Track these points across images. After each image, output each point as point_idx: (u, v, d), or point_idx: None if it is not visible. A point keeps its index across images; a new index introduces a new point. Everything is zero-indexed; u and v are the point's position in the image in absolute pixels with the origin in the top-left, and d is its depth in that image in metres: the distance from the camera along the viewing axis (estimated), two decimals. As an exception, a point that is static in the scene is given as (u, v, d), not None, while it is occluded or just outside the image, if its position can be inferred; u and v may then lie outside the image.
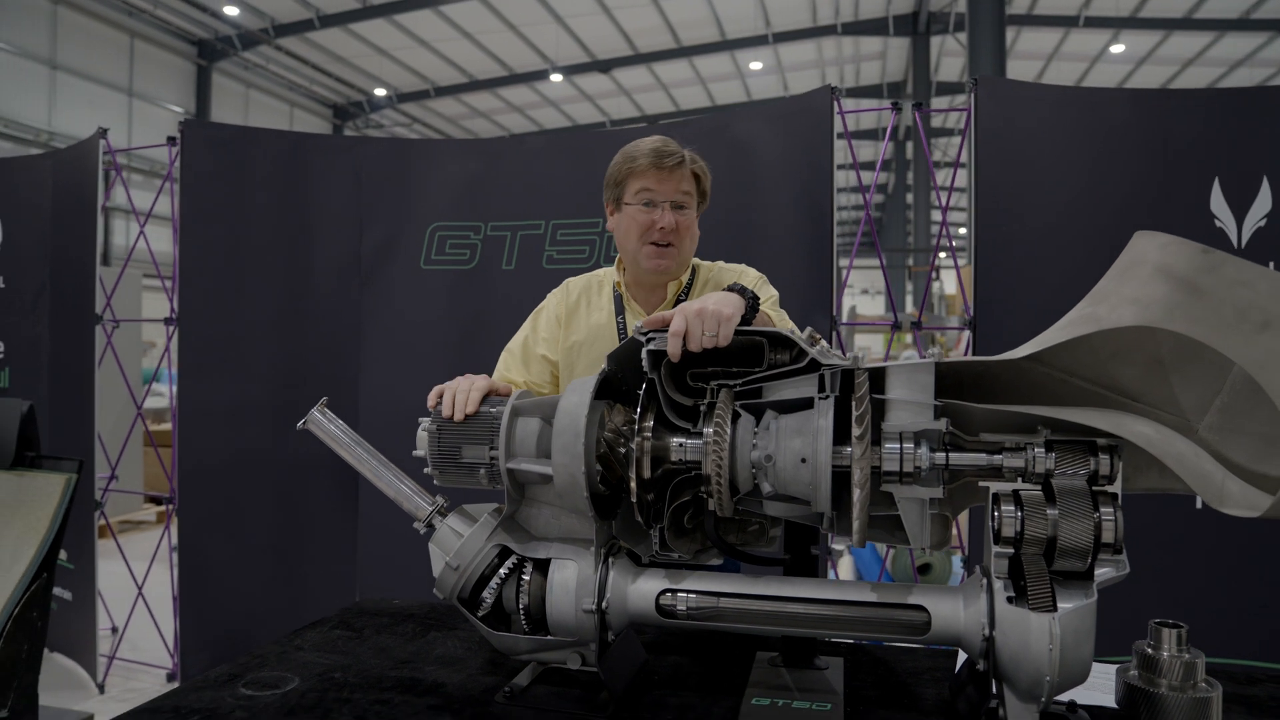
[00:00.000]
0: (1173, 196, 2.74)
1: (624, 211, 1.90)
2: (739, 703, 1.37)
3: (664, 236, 1.84)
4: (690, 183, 1.88)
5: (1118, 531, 1.22)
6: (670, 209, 1.85)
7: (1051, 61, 18.88)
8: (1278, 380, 1.12)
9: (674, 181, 1.85)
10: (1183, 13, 16.04)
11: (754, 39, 18.71)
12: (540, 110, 23.45)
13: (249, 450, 3.43)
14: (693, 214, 1.90)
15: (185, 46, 17.89)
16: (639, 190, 1.86)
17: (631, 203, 1.87)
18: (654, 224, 1.84)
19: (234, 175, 3.46)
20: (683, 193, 1.86)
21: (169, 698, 1.39)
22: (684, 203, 1.87)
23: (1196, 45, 17.49)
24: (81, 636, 3.72)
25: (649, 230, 1.85)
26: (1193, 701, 1.23)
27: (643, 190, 1.86)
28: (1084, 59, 18.66)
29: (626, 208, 1.88)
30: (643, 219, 1.85)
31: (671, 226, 1.84)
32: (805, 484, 1.29)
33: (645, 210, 1.85)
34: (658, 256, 1.86)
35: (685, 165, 1.86)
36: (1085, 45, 17.87)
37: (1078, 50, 18.18)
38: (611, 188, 1.93)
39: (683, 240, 1.87)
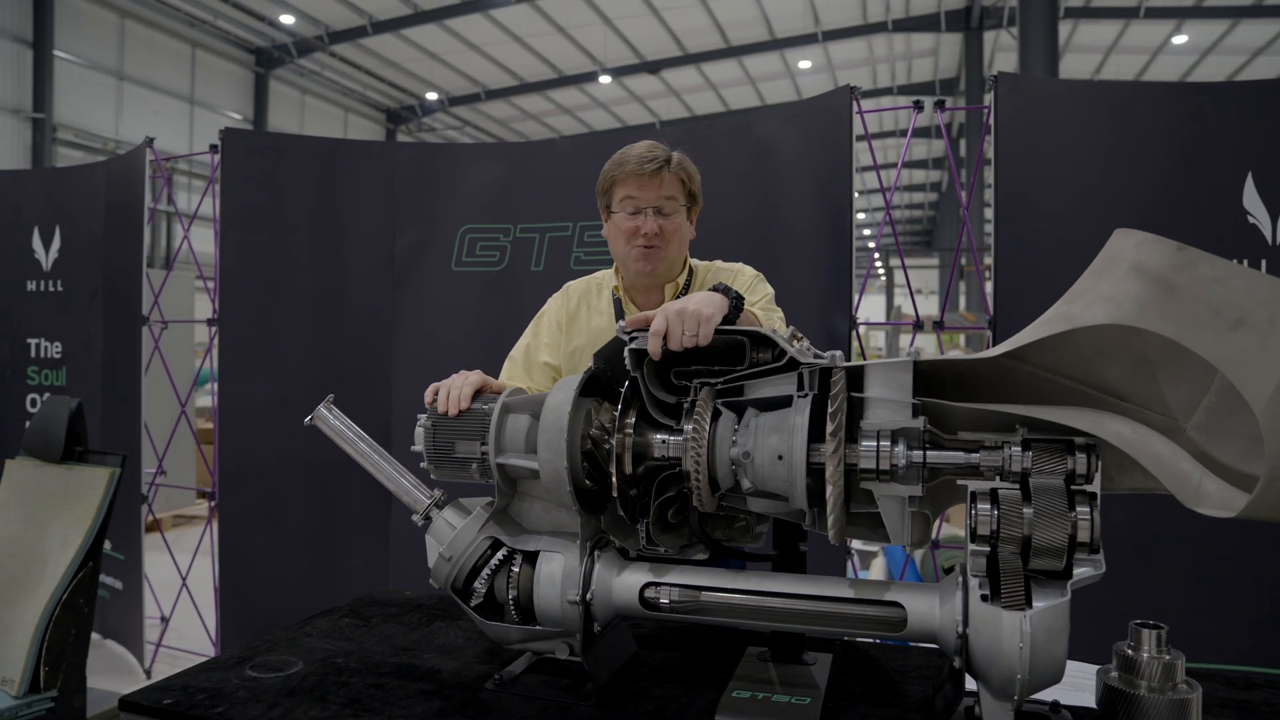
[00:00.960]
0: (1202, 193, 2.67)
1: (612, 219, 1.93)
2: (721, 694, 1.39)
3: (648, 241, 1.87)
4: (674, 187, 1.90)
5: (1094, 531, 1.21)
6: (654, 214, 1.87)
7: (1110, 55, 18.39)
8: (1250, 378, 1.11)
9: (655, 187, 1.87)
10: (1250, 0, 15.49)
11: (803, 37, 18.56)
12: (590, 112, 23.59)
13: (286, 447, 3.55)
14: (679, 218, 1.91)
15: (244, 55, 18.42)
16: (623, 198, 1.90)
17: (618, 210, 1.91)
18: (638, 230, 1.87)
19: (272, 181, 3.58)
20: (665, 198, 1.88)
21: (180, 677, 1.46)
22: (668, 208, 1.89)
23: (1266, 34, 16.85)
24: (131, 624, 3.88)
25: (634, 236, 1.88)
26: (1171, 703, 1.22)
27: (627, 198, 1.89)
28: (1145, 51, 18.13)
29: (614, 215, 1.92)
30: (628, 225, 1.89)
31: (655, 231, 1.86)
32: (782, 480, 1.31)
33: (630, 217, 1.89)
34: (643, 259, 1.89)
35: (667, 170, 1.88)
36: (1146, 37, 17.36)
37: (1138, 43, 17.68)
38: (601, 196, 1.97)
39: (669, 243, 1.89)
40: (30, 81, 14.04)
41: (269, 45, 18.15)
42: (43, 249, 4.16)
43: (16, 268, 4.21)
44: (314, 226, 3.62)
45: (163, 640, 3.97)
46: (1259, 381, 1.10)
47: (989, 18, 16.88)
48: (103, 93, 15.56)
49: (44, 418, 2.84)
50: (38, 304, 4.21)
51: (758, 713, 1.33)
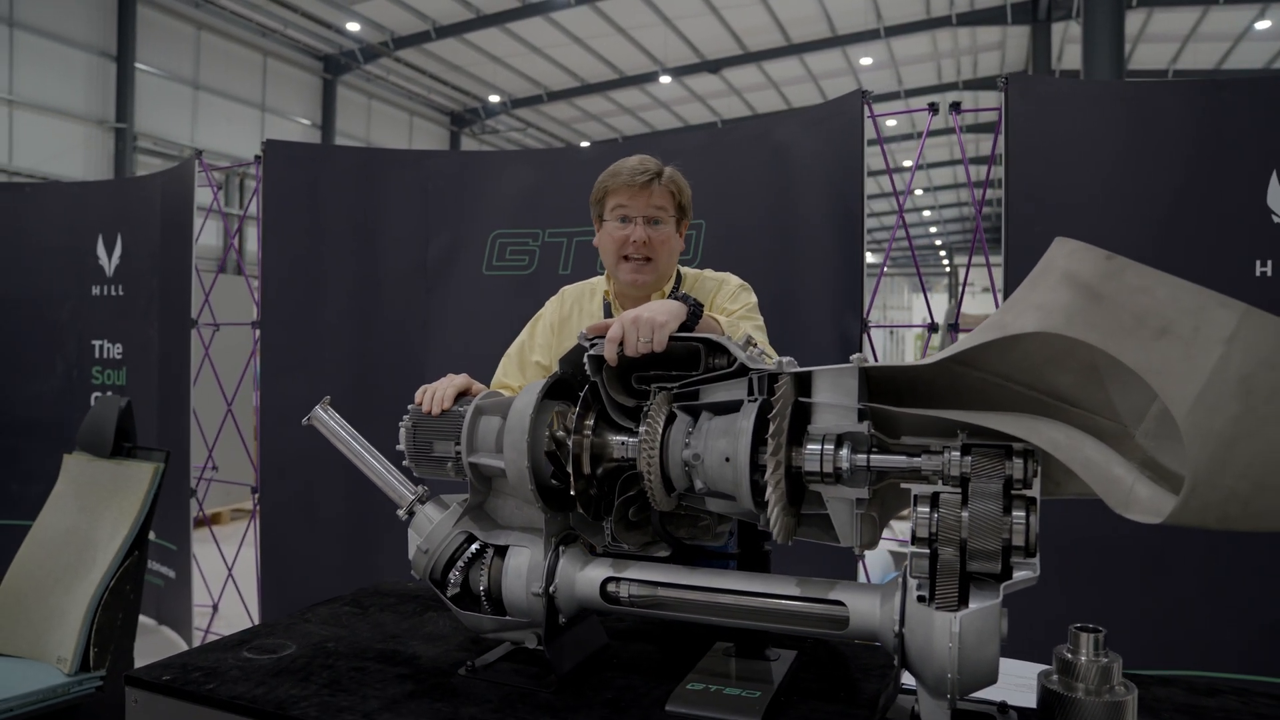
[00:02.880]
0: (1225, 191, 2.61)
1: (604, 228, 2.00)
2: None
3: (638, 250, 1.93)
4: (665, 199, 1.95)
5: (1029, 535, 1.24)
6: (644, 224, 1.93)
7: (1189, 43, 17.69)
8: (1173, 387, 1.12)
9: (646, 197, 1.93)
10: (1340, -18, 14.75)
11: (865, 34, 18.31)
12: (651, 112, 23.67)
13: (323, 445, 3.69)
14: (668, 229, 1.96)
15: (312, 62, 19.02)
16: (614, 207, 1.96)
17: (609, 219, 1.97)
18: (628, 238, 1.93)
19: (311, 190, 3.75)
20: (656, 208, 1.94)
21: (181, 656, 1.58)
22: (658, 218, 1.94)
23: (1357, 18, 16.03)
24: (182, 610, 4.10)
25: (624, 245, 1.94)
26: (1106, 705, 1.24)
27: (618, 206, 1.95)
28: (1225, 39, 17.38)
29: (605, 224, 1.99)
30: (618, 234, 1.95)
31: (643, 240, 1.92)
32: (729, 482, 1.37)
33: (620, 226, 1.95)
34: (635, 271, 1.95)
35: (658, 182, 1.94)
36: (1227, 24, 16.66)
37: (1218, 30, 16.97)
38: (594, 205, 2.04)
39: (659, 254, 1.95)
40: (114, 93, 14.76)
41: (337, 52, 18.70)
42: (106, 256, 4.42)
43: (82, 273, 4.49)
44: (351, 233, 3.77)
45: (211, 626, 4.18)
46: (1181, 390, 1.12)
47: (1057, 9, 16.41)
48: (180, 102, 16.25)
49: (96, 416, 3.04)
50: (101, 308, 4.48)
51: (706, 704, 1.38)
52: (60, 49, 14.00)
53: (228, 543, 4.38)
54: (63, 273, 4.54)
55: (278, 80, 18.30)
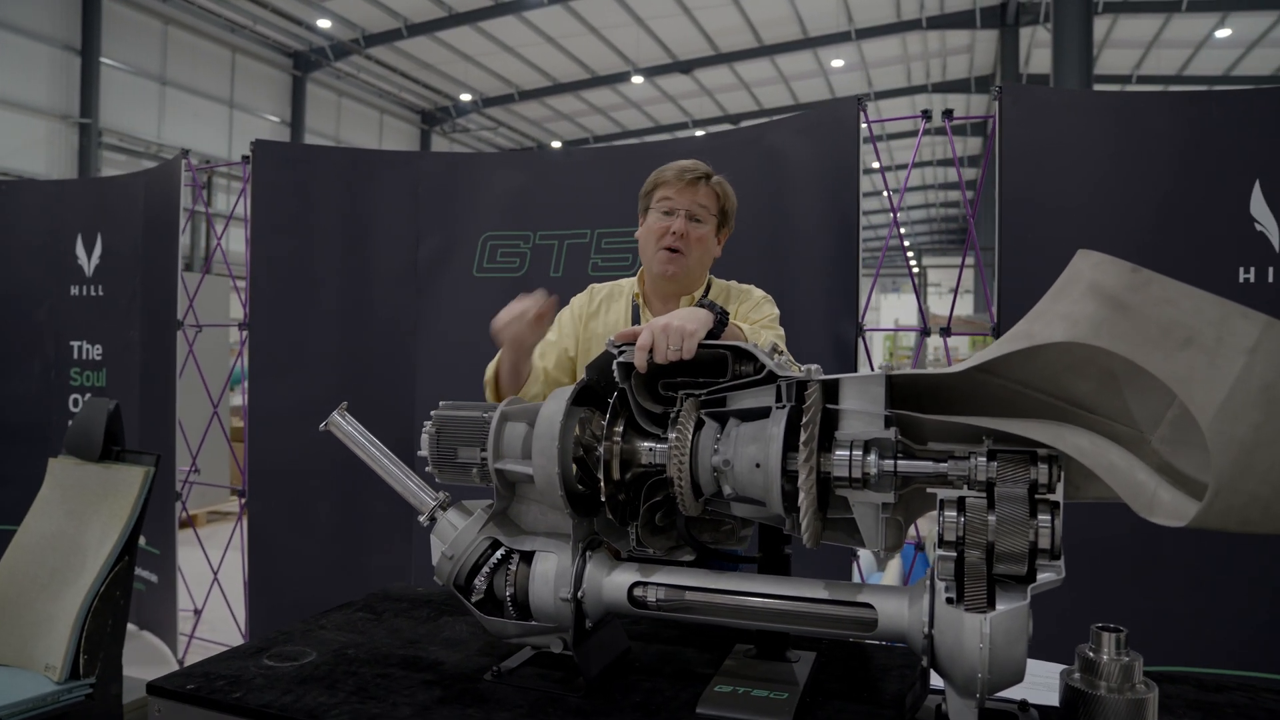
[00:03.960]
0: (1210, 201, 2.69)
1: (647, 219, 2.05)
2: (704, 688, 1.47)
3: (674, 242, 1.99)
4: (709, 199, 2.03)
5: (1054, 538, 1.27)
6: (685, 218, 1.99)
7: (1151, 49, 18.08)
8: (1197, 395, 1.16)
9: (692, 194, 2.00)
10: (1297, -8, 15.16)
11: (837, 36, 18.50)
12: (623, 112, 23.69)
13: (312, 447, 3.67)
14: (707, 229, 2.03)
15: (281, 59, 18.79)
16: (660, 199, 2.03)
17: (654, 210, 2.03)
18: (667, 229, 1.98)
19: (301, 190, 3.72)
20: (700, 205, 2.01)
21: (202, 665, 1.57)
22: (700, 215, 2.01)
23: (1314, 27, 16.48)
24: (165, 616, 4.04)
25: (663, 235, 2.00)
26: (1129, 702, 1.28)
27: (663, 199, 2.02)
28: (1187, 46, 17.80)
29: (649, 215, 2.04)
30: (659, 225, 2.01)
31: (681, 232, 1.97)
32: (760, 487, 1.39)
33: (663, 217, 2.01)
34: (667, 262, 2.01)
35: (705, 183, 2.01)
36: (1188, 31, 17.05)
37: (1180, 37, 17.36)
38: (642, 199, 2.11)
39: (692, 250, 2.00)
40: (79, 88, 14.47)
41: (306, 49, 18.50)
42: (85, 255, 4.35)
43: (61, 273, 4.41)
44: (340, 234, 3.74)
45: (195, 631, 4.13)
46: (1205, 398, 1.16)
47: (1025, 13, 16.70)
48: (146, 98, 15.98)
49: (84, 418, 2.99)
50: (80, 308, 4.40)
51: (736, 706, 1.40)
52: (23, 42, 13.70)
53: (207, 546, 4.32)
54: (40, 272, 4.46)
55: (247, 77, 18.07)
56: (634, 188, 3.58)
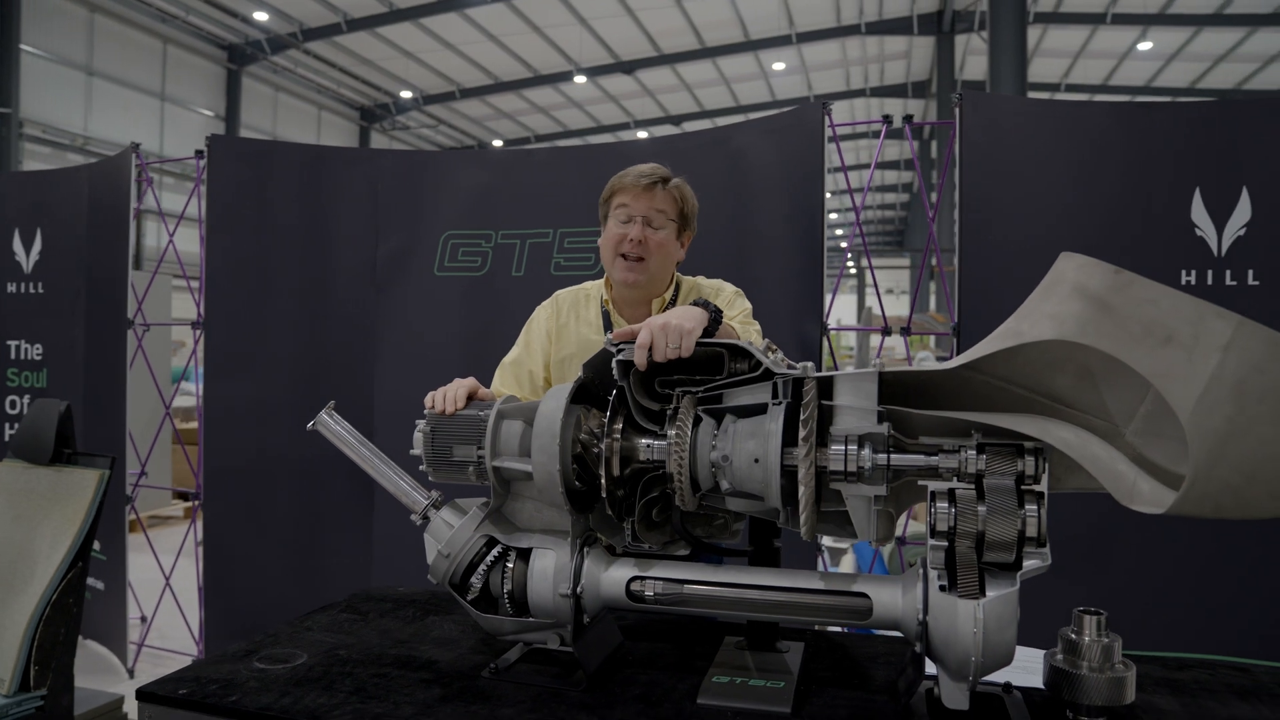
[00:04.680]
0: (1154, 206, 2.82)
1: (606, 227, 2.04)
2: (702, 679, 1.50)
3: (633, 249, 1.97)
4: (667, 204, 2.00)
5: (1041, 527, 1.33)
6: (643, 225, 1.98)
7: (1078, 59, 18.75)
8: (1176, 390, 1.23)
9: (649, 199, 1.98)
10: (1214, 8, 15.87)
11: (778, 39, 18.75)
12: (564, 111, 23.63)
13: (270, 448, 3.62)
14: (667, 234, 2.01)
15: (216, 51, 18.28)
16: (618, 206, 2.01)
17: (611, 217, 2.02)
18: (625, 236, 1.98)
19: (258, 186, 3.64)
20: (657, 210, 1.99)
21: (192, 669, 1.55)
22: (657, 221, 1.99)
23: (1228, 41, 17.28)
24: (113, 624, 3.92)
25: (621, 242, 1.99)
26: (1110, 680, 1.35)
27: (621, 206, 2.00)
28: (1111, 56, 18.50)
29: (608, 222, 2.03)
30: (617, 233, 2.00)
31: (639, 239, 1.97)
32: (758, 482, 1.43)
33: (621, 224, 1.99)
34: (627, 270, 1.99)
35: (662, 187, 1.99)
36: (1113, 43, 17.73)
37: (1105, 48, 18.04)
38: (601, 205, 2.08)
39: (653, 256, 1.99)
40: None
41: (242, 42, 18.03)
42: (23, 251, 4.19)
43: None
44: (298, 231, 3.68)
45: (145, 640, 4.01)
46: (1184, 393, 1.23)
47: (960, 22, 17.15)
48: (71, 88, 15.38)
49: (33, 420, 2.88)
50: (18, 306, 4.23)
51: (736, 695, 1.44)
52: (-66, 28, 13.08)
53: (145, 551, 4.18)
54: (-27, 269, 4.27)
55: (179, 69, 17.52)
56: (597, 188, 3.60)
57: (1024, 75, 11.22)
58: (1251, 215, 2.75)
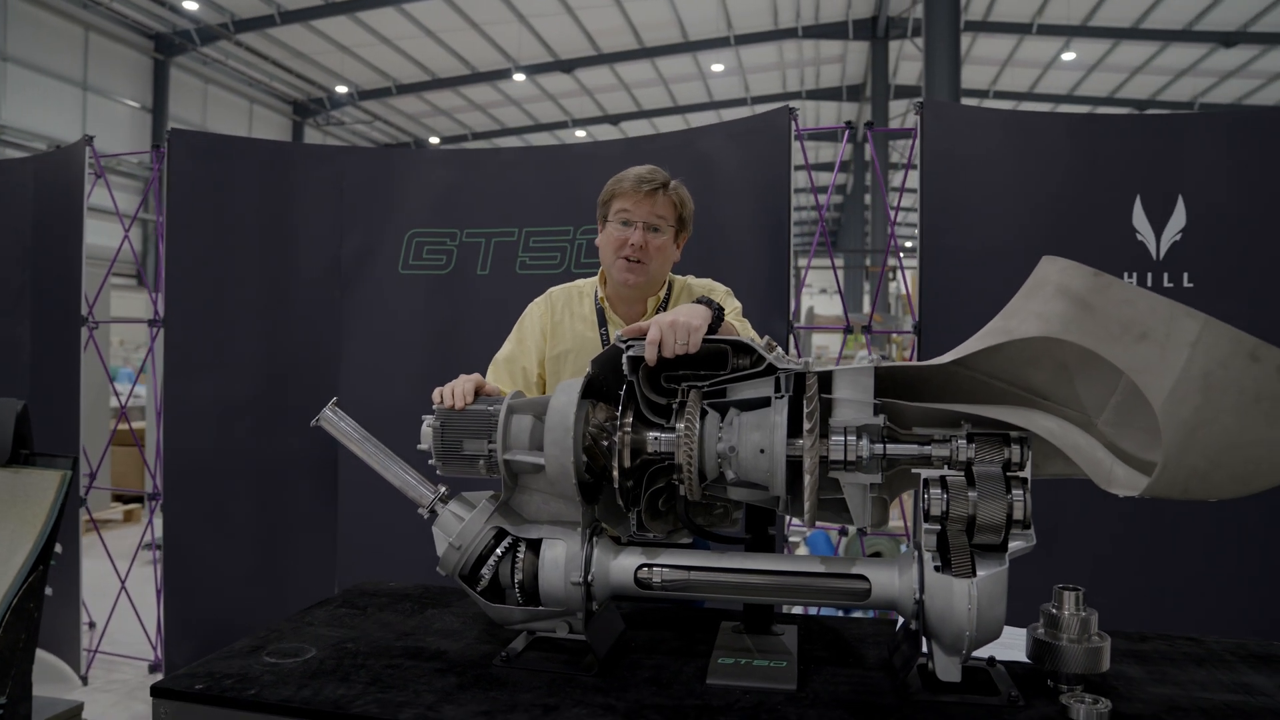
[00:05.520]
0: (1100, 212, 2.99)
1: (606, 228, 2.10)
2: (707, 662, 1.57)
3: (634, 253, 2.04)
4: (667, 209, 2.07)
5: (1026, 510, 1.44)
6: (643, 229, 2.04)
7: (1006, 67, 19.40)
8: (1151, 382, 1.35)
9: (649, 205, 2.04)
10: (1130, 23, 16.61)
11: (716, 40, 18.97)
12: (502, 109, 23.49)
13: (232, 448, 3.57)
14: (665, 237, 2.08)
15: (142, 40, 17.69)
16: (618, 210, 2.06)
17: (612, 220, 2.07)
18: (626, 241, 2.04)
19: (219, 182, 3.59)
20: (657, 216, 2.05)
21: (202, 665, 1.56)
22: (657, 225, 2.05)
23: (1143, 54, 18.10)
24: (64, 630, 3.82)
25: (622, 246, 2.05)
26: (1087, 651, 1.46)
27: (621, 210, 2.06)
28: (1037, 65, 19.20)
29: (608, 225, 2.09)
30: (618, 236, 2.05)
31: (640, 244, 2.03)
32: (764, 471, 1.50)
33: (621, 228, 2.05)
34: (627, 271, 2.06)
35: (663, 193, 2.05)
36: (1038, 52, 18.40)
37: (1031, 57, 18.72)
38: (600, 207, 2.13)
39: (652, 259, 2.06)
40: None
41: (170, 31, 17.48)
42: (-37, 246, 4.03)
43: (-67, 266, 4.07)
44: (261, 229, 3.64)
45: (96, 646, 3.91)
46: (1157, 385, 1.34)
47: (894, 28, 17.60)
48: (-16, 75, 14.74)
49: (-10, 421, 2.82)
50: (-43, 303, 4.07)
51: (743, 675, 1.51)
52: None
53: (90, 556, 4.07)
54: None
55: (102, 57, 16.89)
56: (563, 188, 3.66)
57: (958, 81, 11.60)
58: (1186, 222, 2.94)
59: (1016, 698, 1.43)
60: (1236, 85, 19.31)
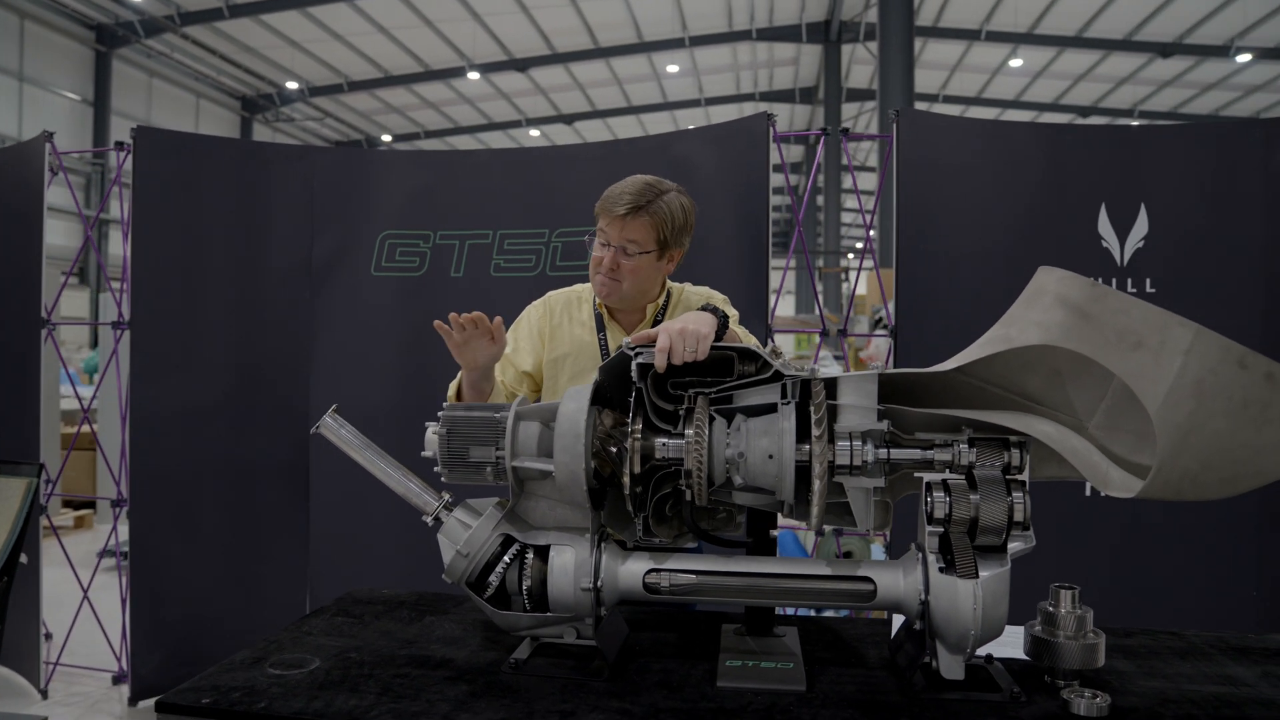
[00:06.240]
0: (1067, 220, 3.09)
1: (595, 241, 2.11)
2: (714, 666, 1.60)
3: (607, 273, 2.06)
4: (641, 232, 2.03)
5: (1026, 512, 1.49)
6: (616, 252, 2.04)
7: (955, 72, 19.82)
8: (1146, 389, 1.40)
9: (619, 228, 2.03)
10: (1074, 31, 17.09)
11: (671, 41, 19.07)
12: (456, 107, 23.31)
13: (201, 452, 3.50)
14: (641, 260, 2.05)
15: (82, 31, 17.19)
16: (599, 228, 2.08)
17: (596, 237, 2.09)
18: (600, 260, 2.06)
19: (187, 181, 3.51)
20: (629, 240, 2.03)
21: (205, 678, 1.53)
22: (629, 249, 2.04)
23: (1086, 62, 18.64)
24: (22, 642, 3.70)
25: (597, 264, 2.08)
26: (1083, 647, 1.51)
27: (600, 229, 2.08)
28: (985, 71, 19.65)
29: (595, 238, 2.10)
30: (595, 254, 2.09)
31: (612, 266, 2.04)
32: (772, 476, 1.53)
33: (600, 247, 2.08)
34: (602, 286, 2.09)
35: (638, 215, 2.02)
36: (987, 58, 18.84)
37: (980, 62, 19.15)
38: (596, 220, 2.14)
39: (625, 279, 2.06)
40: None
41: (112, 22, 17.01)
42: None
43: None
44: (229, 229, 3.57)
45: (58, 659, 3.79)
46: (1152, 391, 1.40)
47: (847, 32, 17.87)
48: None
49: (-47, 428, 2.73)
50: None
51: (752, 677, 1.54)
52: None
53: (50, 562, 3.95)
54: None
55: (40, 47, 16.36)
56: (537, 190, 3.66)
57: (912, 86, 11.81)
58: (1148, 230, 3.05)
59: (1019, 694, 1.47)
60: (1173, 94, 20.01)
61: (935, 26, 17.24)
